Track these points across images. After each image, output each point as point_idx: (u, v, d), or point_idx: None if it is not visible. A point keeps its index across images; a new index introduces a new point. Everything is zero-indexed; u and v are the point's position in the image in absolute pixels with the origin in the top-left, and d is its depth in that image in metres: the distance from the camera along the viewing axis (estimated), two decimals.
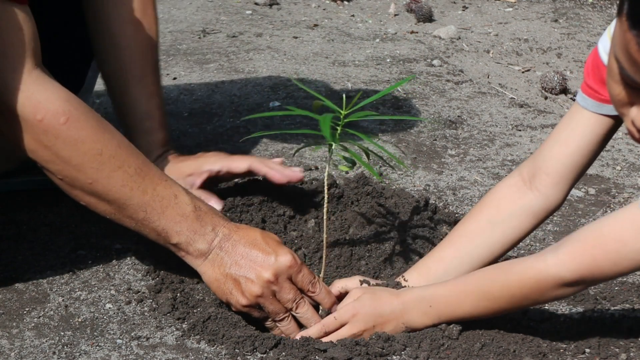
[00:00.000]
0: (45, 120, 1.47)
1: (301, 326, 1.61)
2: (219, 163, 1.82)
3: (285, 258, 1.58)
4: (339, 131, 1.57)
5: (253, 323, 1.62)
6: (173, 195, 1.57)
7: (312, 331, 1.57)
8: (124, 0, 1.87)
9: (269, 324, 1.61)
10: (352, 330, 1.55)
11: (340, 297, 1.65)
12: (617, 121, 1.55)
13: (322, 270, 1.67)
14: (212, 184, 1.85)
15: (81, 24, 1.98)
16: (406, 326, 1.55)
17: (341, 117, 1.56)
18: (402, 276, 1.68)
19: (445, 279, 1.61)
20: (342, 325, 1.56)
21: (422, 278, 1.66)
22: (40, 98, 1.47)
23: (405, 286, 1.64)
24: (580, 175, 1.61)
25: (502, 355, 1.52)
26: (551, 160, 1.59)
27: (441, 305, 1.53)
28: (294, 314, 1.59)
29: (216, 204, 1.77)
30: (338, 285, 1.67)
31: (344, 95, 1.59)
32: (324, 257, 1.67)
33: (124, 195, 1.53)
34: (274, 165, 1.81)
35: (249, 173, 1.82)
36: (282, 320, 1.59)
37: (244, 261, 1.58)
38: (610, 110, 1.50)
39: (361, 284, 1.65)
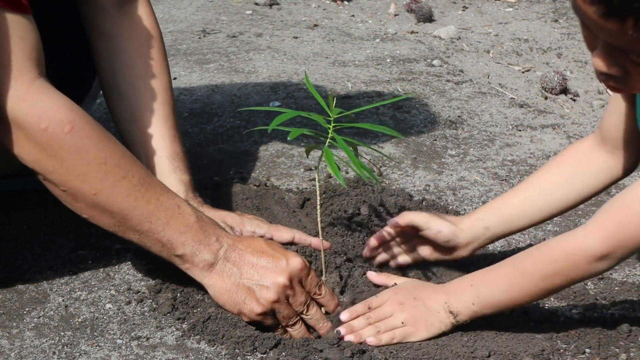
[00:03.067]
0: (49, 129, 1.45)
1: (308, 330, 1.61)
2: (263, 229, 1.79)
3: (296, 261, 1.58)
4: (329, 136, 1.56)
5: (252, 324, 1.61)
6: (176, 206, 1.56)
7: (357, 307, 1.58)
8: (139, 45, 1.85)
9: (278, 331, 1.60)
10: (392, 304, 1.56)
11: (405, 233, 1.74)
12: None
13: (324, 273, 1.68)
14: None
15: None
16: (449, 307, 1.54)
17: (331, 120, 1.56)
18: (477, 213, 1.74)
19: (522, 223, 1.69)
20: (383, 302, 1.58)
21: (499, 215, 1.71)
22: (44, 107, 1.46)
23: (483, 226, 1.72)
24: None
25: (502, 355, 1.52)
26: (611, 127, 1.64)
27: (480, 284, 1.54)
28: (304, 316, 1.59)
29: (287, 233, 1.78)
30: (407, 218, 1.73)
31: (334, 99, 1.58)
32: (322, 260, 1.67)
33: (128, 206, 1.51)
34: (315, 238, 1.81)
35: (292, 244, 1.81)
36: (294, 324, 1.58)
37: (254, 270, 1.57)
38: None
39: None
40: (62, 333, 1.56)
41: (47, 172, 1.49)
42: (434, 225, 1.72)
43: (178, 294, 1.65)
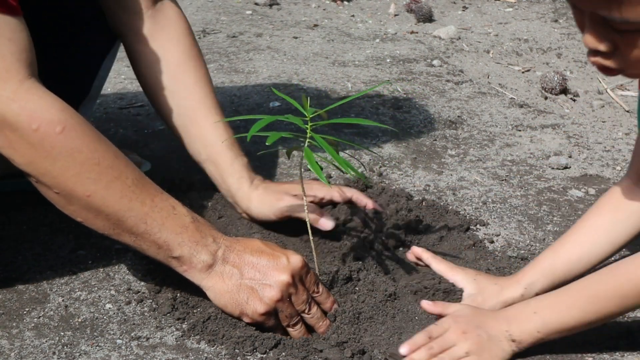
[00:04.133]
0: (40, 130, 1.44)
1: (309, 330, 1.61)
2: (322, 191, 1.87)
3: (296, 258, 1.57)
4: (307, 135, 1.55)
5: (253, 325, 1.61)
6: (171, 207, 1.55)
7: (417, 338, 1.51)
8: (179, 42, 1.89)
9: (278, 332, 1.58)
10: (455, 333, 1.49)
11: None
12: None
13: (316, 268, 1.68)
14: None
15: (90, 33, 1.98)
16: (511, 336, 1.49)
17: (307, 120, 1.56)
18: (520, 275, 1.67)
19: (569, 278, 1.63)
20: (444, 331, 1.51)
21: (547, 278, 1.66)
22: (34, 107, 1.44)
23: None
24: None
25: None
26: None
27: (546, 311, 1.49)
28: (305, 315, 1.58)
29: (327, 221, 1.79)
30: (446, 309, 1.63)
31: (308, 98, 1.58)
32: (315, 261, 1.67)
33: (123, 207, 1.50)
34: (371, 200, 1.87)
35: (349, 202, 1.87)
36: (295, 324, 1.57)
37: (255, 269, 1.56)
38: None
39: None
40: (62, 333, 1.56)
41: (39, 174, 1.47)
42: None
43: (178, 294, 1.65)
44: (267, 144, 1.49)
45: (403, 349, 1.49)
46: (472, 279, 1.68)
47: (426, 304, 1.62)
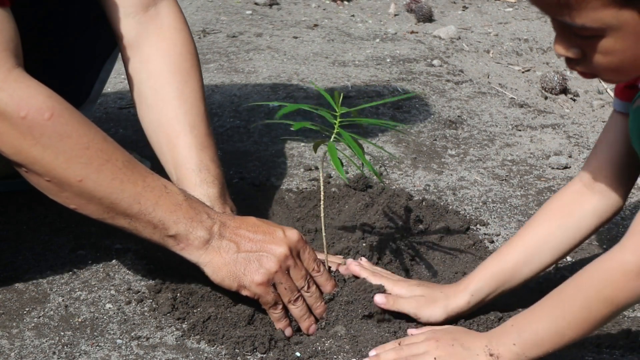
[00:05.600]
0: (29, 117, 1.44)
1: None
2: None
3: (292, 232, 1.58)
4: (335, 131, 1.56)
5: (253, 324, 1.61)
6: (163, 186, 1.54)
7: (387, 344, 1.51)
8: (165, 52, 1.79)
9: (277, 312, 1.56)
10: (427, 341, 1.47)
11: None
12: None
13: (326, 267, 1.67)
14: None
15: (92, 37, 1.98)
16: (490, 350, 1.43)
17: (337, 116, 1.56)
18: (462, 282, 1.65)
19: (515, 284, 1.61)
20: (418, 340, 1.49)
21: (493, 284, 1.63)
22: (22, 95, 1.44)
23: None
24: (636, 172, 1.62)
25: None
26: (605, 163, 1.60)
27: (521, 321, 1.43)
28: (304, 293, 1.57)
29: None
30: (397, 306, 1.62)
31: (340, 95, 1.58)
32: (325, 259, 1.67)
33: (115, 189, 1.49)
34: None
35: None
36: (296, 300, 1.55)
37: (251, 243, 1.55)
38: None
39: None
40: (62, 333, 1.56)
41: (29, 163, 1.47)
42: (424, 314, 1.61)
43: (178, 294, 1.65)
44: (292, 129, 1.49)
45: (372, 352, 1.48)
46: (416, 287, 1.64)
47: (377, 297, 1.59)
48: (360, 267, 1.66)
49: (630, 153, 1.56)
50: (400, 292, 1.62)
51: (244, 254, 1.54)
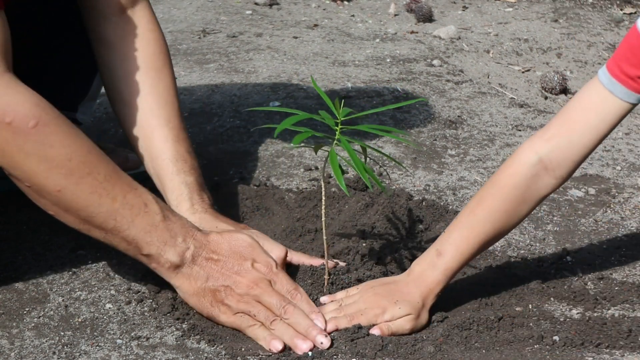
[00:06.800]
0: (14, 124, 1.44)
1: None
2: (276, 252, 1.69)
3: (260, 265, 1.58)
4: (336, 136, 1.55)
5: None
6: (143, 204, 1.54)
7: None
8: (140, 51, 1.84)
9: (255, 334, 1.54)
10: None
11: None
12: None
13: (326, 271, 1.67)
14: None
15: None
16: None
17: (338, 122, 1.55)
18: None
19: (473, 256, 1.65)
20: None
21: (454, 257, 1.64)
22: (9, 101, 1.45)
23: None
24: None
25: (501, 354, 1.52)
26: (580, 150, 1.58)
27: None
28: (283, 318, 1.54)
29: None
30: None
31: (342, 101, 1.58)
32: (326, 259, 1.67)
33: (93, 203, 1.50)
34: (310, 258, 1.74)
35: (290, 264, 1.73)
36: (272, 323, 1.53)
37: (219, 273, 1.56)
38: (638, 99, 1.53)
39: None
40: (62, 333, 1.56)
41: (10, 167, 1.48)
42: (422, 320, 1.62)
43: (178, 294, 1.65)
44: (292, 144, 1.49)
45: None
46: (374, 298, 1.61)
47: (374, 332, 1.56)
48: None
49: (602, 139, 1.58)
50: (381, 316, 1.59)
51: (212, 284, 1.56)
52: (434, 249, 1.62)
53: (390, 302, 1.56)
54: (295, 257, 1.72)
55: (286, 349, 1.51)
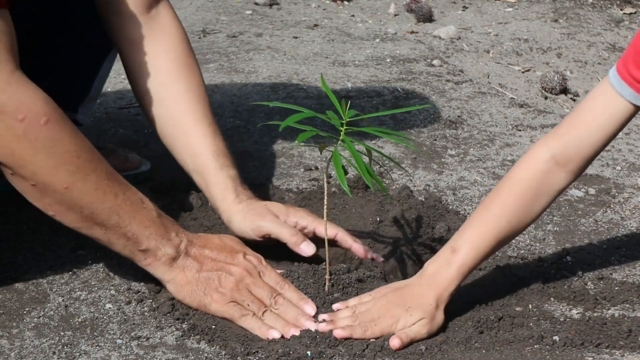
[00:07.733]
0: (26, 120, 1.46)
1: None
2: (307, 220, 1.76)
3: (251, 257, 1.64)
4: (341, 137, 1.56)
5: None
6: (140, 200, 1.59)
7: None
8: (170, 49, 1.85)
9: (248, 324, 1.57)
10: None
11: None
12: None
13: (327, 271, 1.67)
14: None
15: (91, 34, 1.98)
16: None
17: (344, 122, 1.57)
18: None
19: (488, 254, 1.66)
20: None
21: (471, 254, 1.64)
22: (22, 98, 1.47)
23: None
24: None
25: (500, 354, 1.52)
26: (589, 147, 1.62)
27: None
28: (272, 309, 1.58)
29: (308, 247, 1.73)
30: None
31: (348, 103, 1.59)
32: (327, 259, 1.67)
33: (97, 199, 1.53)
34: (358, 242, 1.76)
35: (333, 241, 1.75)
36: (264, 313, 1.57)
37: (213, 262, 1.61)
38: None
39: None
40: (62, 333, 1.56)
41: (18, 166, 1.49)
42: (437, 323, 1.61)
43: None
44: (297, 142, 1.51)
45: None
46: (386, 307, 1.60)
47: (393, 343, 1.54)
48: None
49: (612, 138, 1.61)
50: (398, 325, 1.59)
51: (205, 274, 1.60)
52: (449, 246, 1.62)
53: (402, 310, 1.56)
54: (340, 235, 1.75)
55: (286, 350, 1.52)
